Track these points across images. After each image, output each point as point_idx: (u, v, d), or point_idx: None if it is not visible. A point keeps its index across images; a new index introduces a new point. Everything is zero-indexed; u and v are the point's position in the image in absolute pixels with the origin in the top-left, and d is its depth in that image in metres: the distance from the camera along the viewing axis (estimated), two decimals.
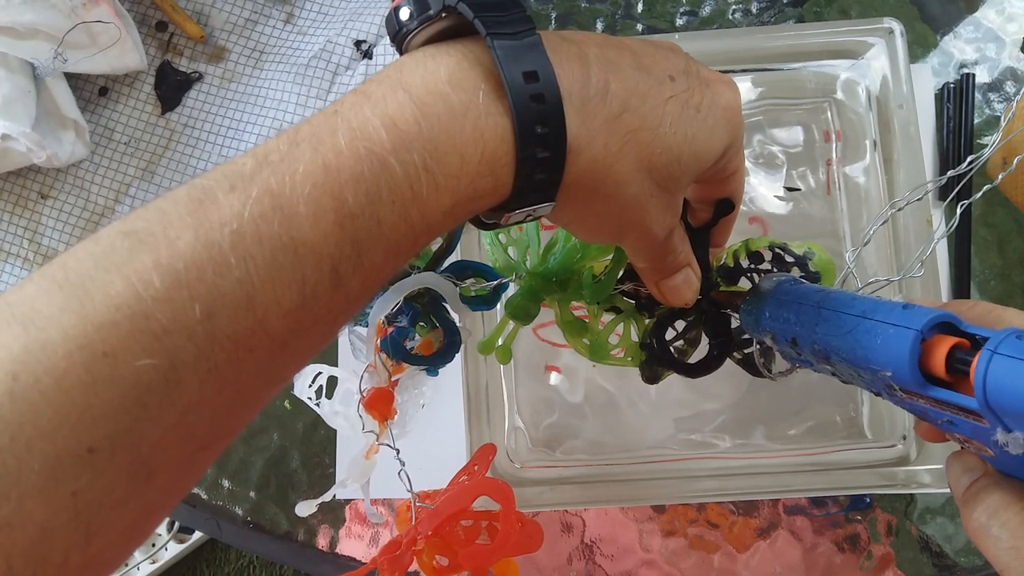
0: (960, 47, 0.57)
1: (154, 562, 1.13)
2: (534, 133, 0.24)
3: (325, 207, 0.22)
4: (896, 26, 0.48)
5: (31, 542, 0.19)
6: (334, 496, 0.37)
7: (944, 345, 0.23)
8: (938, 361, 0.23)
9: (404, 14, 0.25)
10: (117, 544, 0.22)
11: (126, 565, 1.07)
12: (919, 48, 0.57)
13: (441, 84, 0.24)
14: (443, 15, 0.25)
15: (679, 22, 0.60)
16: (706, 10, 0.59)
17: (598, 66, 0.26)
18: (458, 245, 0.35)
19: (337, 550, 0.55)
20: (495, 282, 0.35)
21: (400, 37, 0.26)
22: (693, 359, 0.36)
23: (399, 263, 0.25)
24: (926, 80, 0.56)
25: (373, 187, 0.23)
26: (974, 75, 0.55)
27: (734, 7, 0.59)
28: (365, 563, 0.34)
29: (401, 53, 0.26)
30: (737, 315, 0.35)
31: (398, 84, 0.24)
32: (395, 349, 0.34)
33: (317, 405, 0.38)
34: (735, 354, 0.36)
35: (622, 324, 0.37)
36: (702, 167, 0.29)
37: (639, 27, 0.60)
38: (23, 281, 0.21)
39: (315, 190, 0.22)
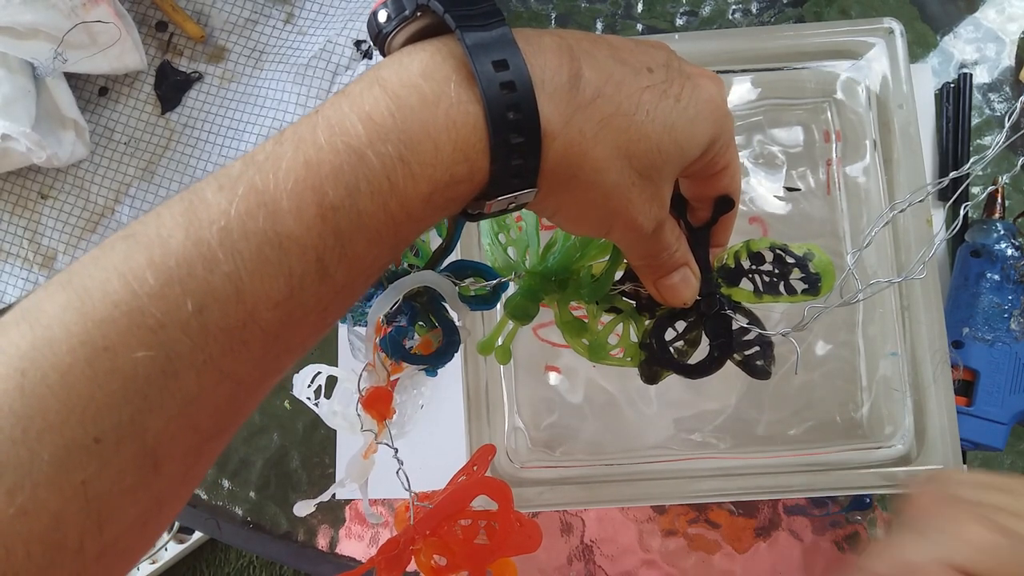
0: (960, 47, 0.57)
1: (154, 562, 1.13)
2: (506, 119, 0.24)
3: (307, 201, 0.23)
4: (896, 26, 0.48)
5: (46, 529, 0.21)
6: (333, 496, 0.37)
7: None
8: None
9: (382, 16, 0.26)
10: (131, 533, 0.23)
11: None
12: (919, 48, 0.57)
13: (415, 77, 0.24)
14: (418, 14, 0.26)
15: (679, 22, 0.60)
16: (706, 10, 0.59)
17: (571, 55, 0.26)
18: (458, 244, 0.35)
19: (337, 550, 0.55)
20: (494, 281, 0.35)
21: (380, 39, 0.27)
22: (693, 360, 0.36)
23: (383, 253, 0.25)
24: (926, 80, 0.56)
25: (352, 180, 0.23)
26: (972, 75, 0.55)
27: (734, 7, 0.59)
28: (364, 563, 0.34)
29: (384, 55, 0.27)
30: (737, 316, 0.35)
31: (374, 81, 0.25)
32: (394, 348, 0.34)
33: (316, 405, 0.38)
34: (735, 356, 0.36)
35: (621, 324, 0.37)
36: (686, 158, 0.29)
37: (639, 27, 0.60)
38: (36, 288, 0.23)
39: (297, 185, 0.23)
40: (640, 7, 0.60)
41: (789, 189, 0.52)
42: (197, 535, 1.16)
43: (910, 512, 0.33)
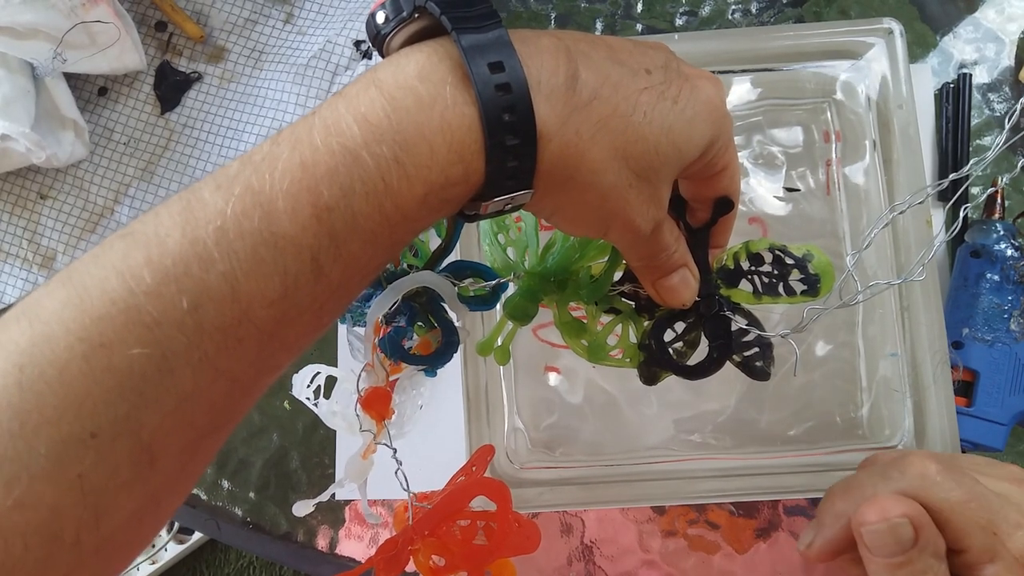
0: (960, 47, 0.57)
1: (154, 563, 1.13)
2: (501, 121, 0.25)
3: (302, 202, 0.23)
4: (896, 26, 0.48)
5: (43, 521, 0.21)
6: (333, 496, 0.37)
7: None
8: None
9: (380, 18, 0.27)
10: (128, 528, 0.23)
11: None
12: (919, 48, 0.57)
13: (411, 79, 0.25)
14: (416, 16, 0.26)
15: (679, 22, 0.60)
16: (706, 10, 0.59)
17: (568, 56, 0.26)
18: (457, 245, 0.35)
19: (337, 551, 0.55)
20: (493, 282, 0.35)
21: (379, 41, 0.27)
22: (692, 361, 0.36)
23: (379, 253, 0.25)
24: (926, 80, 0.56)
25: (347, 181, 0.24)
26: (971, 75, 0.55)
27: (734, 7, 0.59)
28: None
29: (382, 57, 0.27)
30: (736, 317, 0.35)
31: (371, 82, 0.25)
32: (393, 348, 0.34)
33: (315, 405, 0.38)
34: (734, 357, 0.36)
35: (620, 325, 0.37)
36: (684, 159, 0.29)
37: (639, 27, 0.60)
38: (38, 286, 0.23)
39: (293, 186, 0.23)
40: (640, 7, 0.60)
41: (789, 190, 0.52)
42: (197, 535, 1.16)
43: (874, 463, 0.36)
